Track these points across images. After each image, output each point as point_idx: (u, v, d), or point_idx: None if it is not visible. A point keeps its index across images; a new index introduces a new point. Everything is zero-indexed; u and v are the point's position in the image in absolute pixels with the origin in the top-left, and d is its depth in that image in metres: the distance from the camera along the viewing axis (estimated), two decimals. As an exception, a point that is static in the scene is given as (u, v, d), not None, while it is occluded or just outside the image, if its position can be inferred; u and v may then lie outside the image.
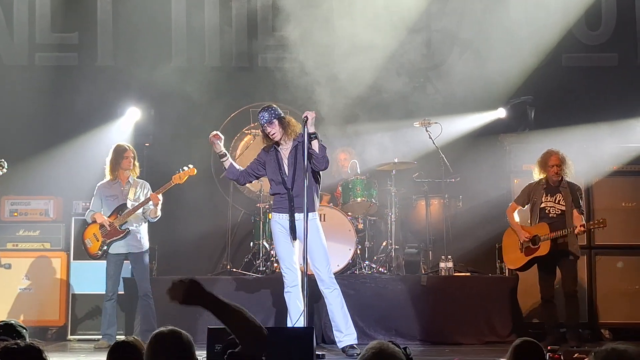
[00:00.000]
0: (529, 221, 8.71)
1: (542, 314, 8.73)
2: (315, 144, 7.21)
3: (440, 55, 10.72)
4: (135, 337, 3.87)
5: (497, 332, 8.87)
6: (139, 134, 10.32)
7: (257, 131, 10.30)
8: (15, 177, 9.38)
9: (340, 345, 7.56)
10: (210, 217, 10.71)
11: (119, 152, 8.77)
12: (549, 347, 7.03)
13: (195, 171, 8.70)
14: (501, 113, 10.53)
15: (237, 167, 7.72)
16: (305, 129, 7.12)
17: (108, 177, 8.80)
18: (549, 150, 8.65)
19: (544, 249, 8.41)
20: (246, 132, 10.64)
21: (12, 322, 4.44)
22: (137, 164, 8.86)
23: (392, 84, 10.24)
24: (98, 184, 8.86)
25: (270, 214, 8.66)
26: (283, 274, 7.53)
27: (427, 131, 9.63)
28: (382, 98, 10.32)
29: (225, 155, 7.66)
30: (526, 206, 8.71)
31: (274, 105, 7.49)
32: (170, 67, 10.82)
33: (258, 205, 9.90)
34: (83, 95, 10.55)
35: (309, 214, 7.30)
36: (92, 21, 10.96)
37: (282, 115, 7.41)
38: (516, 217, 8.71)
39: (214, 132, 7.61)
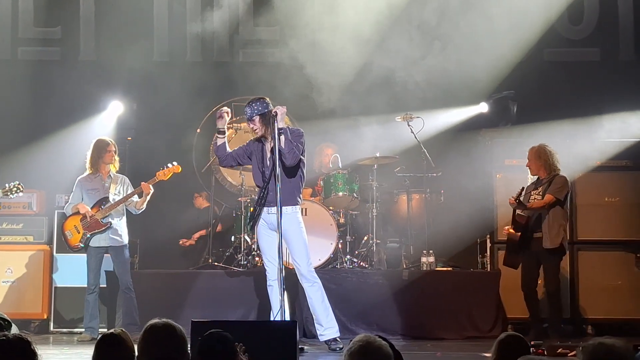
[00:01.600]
0: None
1: (525, 308, 8.72)
2: (282, 140, 7.21)
3: (421, 50, 10.69)
4: (123, 330, 3.88)
5: (479, 327, 8.90)
6: (121, 128, 10.34)
7: (239, 125, 10.31)
8: (-1, 170, 9.39)
9: (322, 338, 7.59)
10: (192, 211, 10.69)
11: (102, 147, 8.77)
12: (532, 342, 7.10)
13: (180, 169, 8.74)
14: (483, 108, 10.53)
15: (228, 148, 7.70)
16: (275, 125, 7.13)
17: (88, 170, 8.80)
18: None
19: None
20: (228, 126, 10.60)
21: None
22: (117, 158, 8.87)
23: (373, 78, 10.26)
24: (79, 178, 8.85)
25: (252, 208, 8.68)
26: (265, 267, 7.54)
27: (409, 125, 9.58)
28: (364, 92, 10.32)
29: (224, 133, 7.65)
30: None
31: (261, 100, 7.43)
32: (152, 62, 10.83)
33: (240, 199, 9.89)
34: (66, 89, 10.56)
35: (290, 207, 7.35)
36: (74, 16, 10.94)
37: (265, 111, 7.32)
38: None
39: (226, 109, 7.63)
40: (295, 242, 7.45)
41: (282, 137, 7.19)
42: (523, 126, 10.00)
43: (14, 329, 6.82)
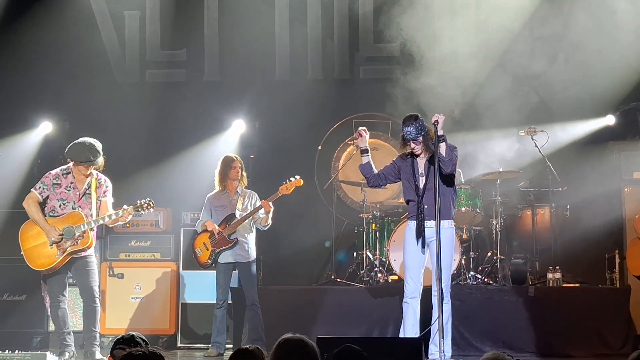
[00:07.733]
0: None
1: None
2: (442, 147, 7.07)
3: (544, 62, 10.52)
4: (258, 347, 3.89)
5: (609, 344, 8.61)
6: (244, 146, 10.52)
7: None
8: (127, 189, 9.65)
9: (433, 357, 7.42)
10: (314, 228, 10.76)
11: (227, 163, 8.93)
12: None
13: (302, 182, 8.77)
14: (610, 120, 10.30)
15: (374, 168, 7.61)
16: (436, 133, 7.02)
17: (217, 188, 8.97)
18: None
19: None
20: (349, 142, 10.67)
21: (134, 334, 4.61)
22: (245, 174, 8.99)
23: (496, 93, 10.12)
24: (207, 195, 9.02)
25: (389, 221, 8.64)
26: (405, 283, 7.43)
27: (532, 139, 9.48)
28: (486, 107, 10.19)
29: (367, 151, 7.57)
30: None
31: (419, 118, 7.27)
32: (274, 81, 11.02)
33: (361, 215, 9.92)
34: (191, 109, 10.86)
35: (446, 221, 7.25)
36: (199, 38, 11.22)
37: (426, 129, 7.23)
38: None
39: (362, 127, 7.59)
40: (446, 257, 7.26)
41: (443, 145, 7.08)
42: (652, 138, 9.71)
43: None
